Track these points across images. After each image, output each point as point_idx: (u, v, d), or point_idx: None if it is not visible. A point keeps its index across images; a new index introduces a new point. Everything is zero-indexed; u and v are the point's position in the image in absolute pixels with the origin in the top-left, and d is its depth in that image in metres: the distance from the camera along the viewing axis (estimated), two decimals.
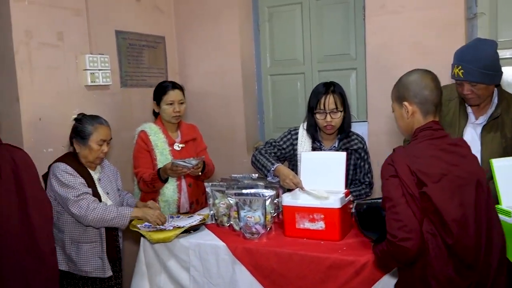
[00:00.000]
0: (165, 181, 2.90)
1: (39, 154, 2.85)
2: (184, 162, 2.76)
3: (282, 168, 2.59)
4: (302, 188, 2.46)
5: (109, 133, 2.63)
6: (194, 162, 2.77)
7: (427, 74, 1.80)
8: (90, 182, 2.56)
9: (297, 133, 2.77)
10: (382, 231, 1.72)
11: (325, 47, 3.81)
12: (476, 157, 1.83)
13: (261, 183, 2.69)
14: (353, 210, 2.34)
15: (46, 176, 2.56)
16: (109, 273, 2.56)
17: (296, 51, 3.93)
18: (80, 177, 2.52)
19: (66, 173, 2.49)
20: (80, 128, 2.56)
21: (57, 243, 2.52)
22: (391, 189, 1.65)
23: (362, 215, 2.12)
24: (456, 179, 1.67)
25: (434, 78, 1.80)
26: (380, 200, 1.80)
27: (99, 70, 3.24)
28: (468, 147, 1.83)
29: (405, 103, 1.79)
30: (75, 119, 2.61)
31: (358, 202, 2.26)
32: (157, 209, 2.64)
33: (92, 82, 3.19)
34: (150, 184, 2.88)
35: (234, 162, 3.89)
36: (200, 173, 2.89)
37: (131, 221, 2.56)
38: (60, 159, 2.58)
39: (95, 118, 2.62)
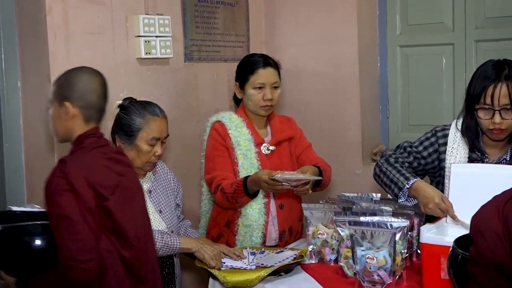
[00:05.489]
0: (254, 195, 2.87)
1: None
2: (292, 175, 2.73)
3: (423, 186, 2.55)
4: (453, 217, 2.42)
5: (165, 128, 2.68)
6: (302, 176, 2.75)
7: (96, 77, 2.28)
8: None
9: (446, 136, 2.72)
10: (25, 265, 2.06)
11: (487, 7, 3.77)
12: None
13: (388, 208, 2.67)
14: None
15: None
16: None
17: (442, 12, 3.91)
18: None
19: None
20: (126, 121, 2.64)
21: None
22: (68, 206, 2.02)
23: None
24: (127, 190, 2.22)
25: (103, 83, 2.28)
26: (19, 224, 2.12)
27: (156, 37, 3.34)
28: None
29: (67, 103, 2.20)
30: (120, 106, 2.70)
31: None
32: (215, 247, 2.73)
33: (146, 53, 3.30)
34: (231, 198, 2.85)
35: (343, 174, 3.86)
36: (310, 191, 2.87)
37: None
38: None
39: (147, 107, 2.68)
